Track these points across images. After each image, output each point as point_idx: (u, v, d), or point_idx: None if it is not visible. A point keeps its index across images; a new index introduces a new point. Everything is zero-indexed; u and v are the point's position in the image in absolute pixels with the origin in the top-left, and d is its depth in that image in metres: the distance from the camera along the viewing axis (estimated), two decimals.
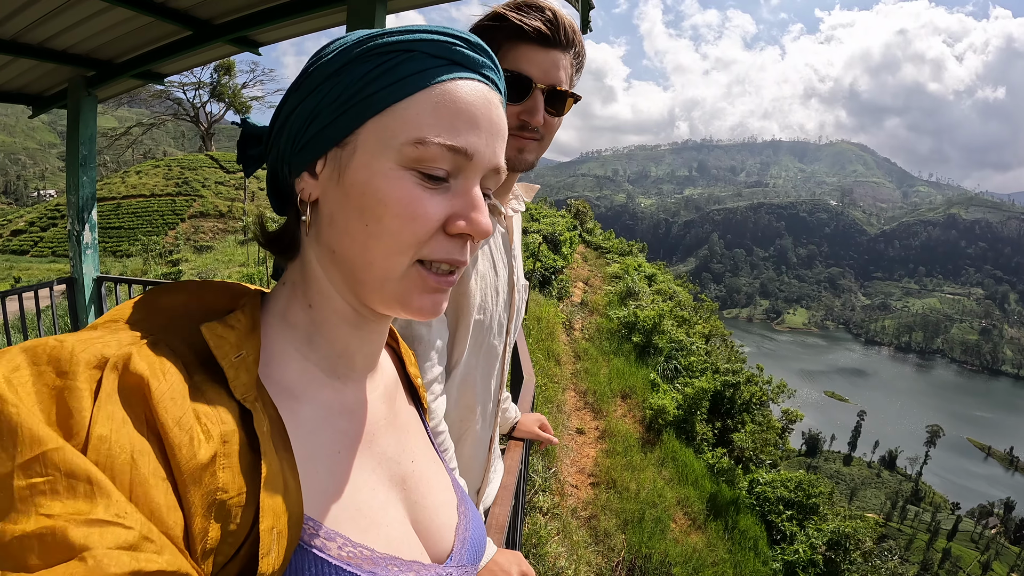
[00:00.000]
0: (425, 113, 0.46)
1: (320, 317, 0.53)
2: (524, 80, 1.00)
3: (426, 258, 0.48)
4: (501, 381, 1.24)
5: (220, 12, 3.23)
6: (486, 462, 1.27)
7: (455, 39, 0.48)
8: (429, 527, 0.59)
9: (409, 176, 0.46)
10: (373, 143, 0.47)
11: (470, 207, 0.48)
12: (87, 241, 4.33)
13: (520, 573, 0.92)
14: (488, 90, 0.49)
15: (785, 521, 8.08)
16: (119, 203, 30.78)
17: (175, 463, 0.36)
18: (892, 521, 52.17)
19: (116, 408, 0.36)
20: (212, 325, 0.46)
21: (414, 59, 0.47)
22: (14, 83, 4.30)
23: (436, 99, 0.46)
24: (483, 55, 0.50)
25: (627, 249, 21.38)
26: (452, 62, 0.48)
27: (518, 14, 0.99)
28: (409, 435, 0.63)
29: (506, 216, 1.18)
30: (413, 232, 0.46)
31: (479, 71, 0.49)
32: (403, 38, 0.47)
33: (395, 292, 0.49)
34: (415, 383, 0.71)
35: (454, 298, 1.06)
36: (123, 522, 0.32)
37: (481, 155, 0.48)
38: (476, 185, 0.49)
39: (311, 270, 0.52)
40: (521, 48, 1.00)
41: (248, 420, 0.43)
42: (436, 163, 0.46)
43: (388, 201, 0.46)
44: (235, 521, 0.39)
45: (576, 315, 11.53)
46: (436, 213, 0.47)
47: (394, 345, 0.71)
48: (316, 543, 0.45)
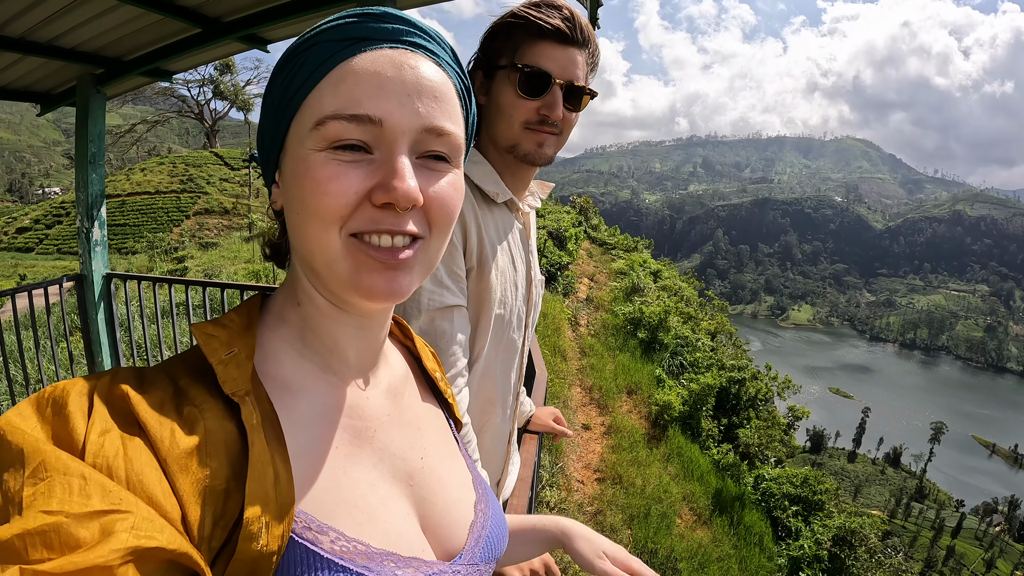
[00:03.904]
0: (327, 95, 0.47)
1: (307, 314, 0.54)
2: (544, 76, 1.03)
3: (356, 231, 0.48)
4: (520, 374, 1.25)
5: (229, 9, 3.23)
6: (505, 454, 1.29)
7: (358, 16, 0.49)
8: (439, 524, 0.59)
9: (323, 156, 0.47)
10: (295, 139, 0.49)
11: (390, 175, 0.47)
12: (96, 238, 4.35)
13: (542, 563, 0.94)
14: (400, 53, 0.48)
15: (790, 517, 8.08)
16: (124, 200, 30.92)
17: (160, 455, 0.39)
18: (896, 518, 52.08)
19: (106, 417, 0.39)
20: (202, 325, 0.49)
21: (318, 50, 0.48)
22: (22, 81, 4.32)
23: (337, 78, 0.47)
24: (395, 23, 0.49)
25: (632, 245, 21.32)
26: (356, 39, 0.48)
27: (538, 12, 1.02)
28: (420, 431, 0.63)
29: (523, 212, 1.19)
30: (330, 206, 0.46)
31: (394, 39, 0.49)
32: (309, 34, 0.49)
33: (343, 275, 0.49)
34: (434, 378, 0.71)
35: (475, 293, 1.07)
36: (119, 507, 0.34)
37: (394, 118, 0.47)
38: (399, 152, 0.47)
39: (295, 271, 0.55)
40: (541, 45, 1.03)
41: (238, 413, 0.45)
42: (343, 137, 0.46)
43: (304, 182, 0.47)
44: (224, 507, 0.41)
45: (581, 311, 11.53)
46: (352, 186, 0.47)
47: (407, 343, 0.71)
48: (308, 536, 0.45)
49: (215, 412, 0.44)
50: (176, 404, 0.43)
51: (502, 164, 1.14)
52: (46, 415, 0.39)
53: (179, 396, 0.44)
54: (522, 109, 1.05)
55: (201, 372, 0.47)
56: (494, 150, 1.13)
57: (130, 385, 0.42)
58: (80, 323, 4.58)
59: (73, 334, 6.38)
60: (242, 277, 11.98)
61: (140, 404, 0.41)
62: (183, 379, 0.45)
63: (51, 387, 0.41)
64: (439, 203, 0.50)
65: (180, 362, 0.48)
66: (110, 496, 0.35)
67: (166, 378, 0.45)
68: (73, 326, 6.86)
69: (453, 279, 1.02)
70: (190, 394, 0.44)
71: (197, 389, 0.45)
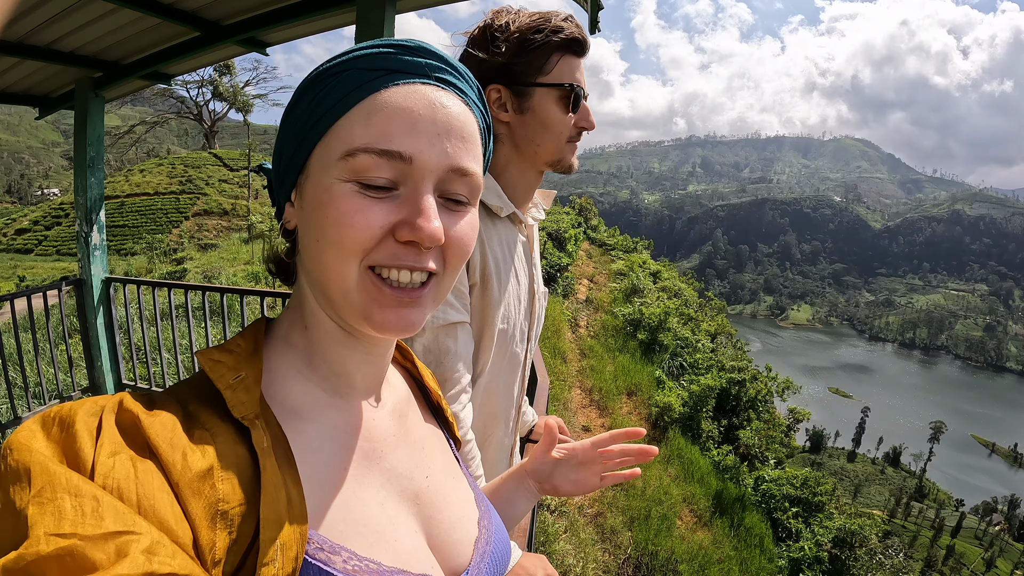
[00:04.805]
0: (358, 125, 0.47)
1: (315, 338, 0.54)
2: (580, 91, 1.05)
3: (375, 264, 0.48)
4: (522, 387, 1.25)
5: (228, 13, 3.22)
6: (508, 467, 1.28)
7: (393, 48, 0.49)
8: (445, 542, 0.59)
9: (349, 187, 0.47)
10: (318, 164, 0.48)
11: (415, 213, 0.47)
12: (95, 242, 4.34)
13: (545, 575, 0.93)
14: (433, 91, 0.49)
15: (791, 518, 8.08)
16: (123, 202, 30.88)
17: (172, 479, 0.39)
18: (896, 518, 52.11)
19: (116, 439, 0.39)
20: (207, 351, 0.49)
21: (349, 76, 0.48)
22: (21, 84, 4.31)
23: (369, 109, 0.47)
24: (429, 58, 0.50)
25: (631, 246, 21.33)
26: (390, 71, 0.48)
27: (568, 27, 1.03)
28: (424, 451, 0.63)
29: (526, 225, 1.19)
30: (353, 239, 0.46)
31: (425, 74, 0.49)
32: (340, 59, 0.49)
33: (357, 306, 0.49)
34: (434, 399, 0.72)
35: (479, 308, 1.07)
36: (133, 529, 0.34)
37: (424, 157, 0.47)
38: (426, 191, 0.48)
39: (304, 293, 0.55)
40: (570, 59, 1.05)
41: (249, 437, 0.45)
42: (372, 171, 0.46)
43: (328, 212, 0.47)
44: (238, 531, 0.41)
45: (581, 312, 11.53)
46: (377, 221, 0.47)
47: (407, 364, 0.72)
48: (320, 556, 0.45)
49: (226, 436, 0.44)
50: (187, 428, 0.42)
51: (522, 178, 1.13)
52: (52, 434, 0.38)
53: (189, 420, 0.43)
54: (567, 125, 1.07)
55: (209, 397, 0.47)
56: (523, 163, 1.12)
57: (139, 408, 0.41)
58: (79, 326, 4.57)
59: (72, 337, 6.36)
60: (241, 278, 11.96)
61: (151, 427, 0.40)
62: (192, 404, 0.45)
63: (56, 407, 0.40)
64: (458, 243, 0.51)
65: (188, 387, 0.48)
66: (123, 518, 0.34)
67: (175, 402, 0.45)
68: (72, 329, 6.84)
69: (457, 296, 1.01)
70: (200, 418, 0.44)
71: (207, 413, 0.45)
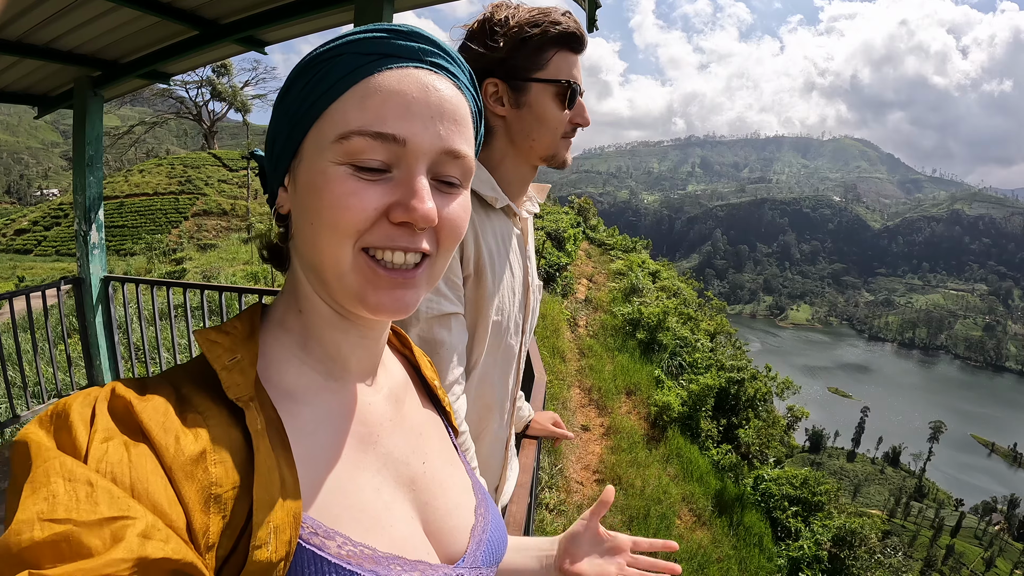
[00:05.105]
0: (352, 108, 0.47)
1: (309, 321, 0.55)
2: (576, 87, 1.06)
3: (369, 245, 0.49)
4: (517, 380, 1.25)
5: (227, 12, 3.22)
6: (503, 460, 1.29)
7: (386, 32, 0.49)
8: (441, 528, 0.59)
9: (343, 170, 0.47)
10: (312, 148, 0.49)
11: (409, 195, 0.48)
12: (94, 241, 4.34)
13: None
14: (426, 74, 0.49)
15: (790, 517, 8.08)
16: (122, 202, 30.85)
17: (165, 463, 0.39)
18: (896, 517, 52.10)
19: (108, 425, 0.39)
20: (205, 331, 0.49)
21: (343, 61, 0.48)
22: (20, 83, 4.31)
23: (363, 93, 0.48)
24: (421, 42, 0.50)
25: (631, 246, 21.34)
26: (383, 55, 0.48)
27: (566, 21, 1.03)
28: (421, 437, 0.64)
29: (521, 218, 1.19)
30: (348, 221, 0.47)
31: (418, 58, 0.49)
32: (333, 44, 0.49)
33: (351, 288, 0.49)
34: (432, 386, 0.72)
35: (473, 300, 1.07)
36: (128, 514, 0.34)
37: (417, 139, 0.48)
38: (419, 173, 0.48)
39: (298, 278, 0.55)
40: (567, 55, 1.06)
41: (243, 420, 0.45)
42: (367, 154, 0.47)
43: (323, 195, 0.47)
44: (231, 514, 0.41)
45: (580, 312, 11.53)
46: (371, 202, 0.47)
47: (405, 352, 0.72)
48: (315, 541, 0.45)
49: (219, 419, 0.44)
50: (180, 411, 0.42)
51: (517, 172, 1.14)
52: (48, 427, 0.39)
53: (182, 403, 0.44)
54: (563, 121, 1.08)
55: (204, 380, 0.47)
56: (518, 157, 1.12)
57: (132, 394, 0.42)
58: (78, 326, 4.57)
59: (71, 336, 6.37)
60: (241, 278, 11.97)
61: (143, 412, 0.40)
62: (186, 386, 0.45)
63: (55, 403, 0.41)
64: (450, 224, 0.51)
65: (182, 370, 0.48)
66: (118, 503, 0.34)
67: (168, 386, 0.45)
68: (71, 328, 6.84)
69: (450, 287, 1.02)
70: (193, 401, 0.44)
71: (200, 396, 0.45)
